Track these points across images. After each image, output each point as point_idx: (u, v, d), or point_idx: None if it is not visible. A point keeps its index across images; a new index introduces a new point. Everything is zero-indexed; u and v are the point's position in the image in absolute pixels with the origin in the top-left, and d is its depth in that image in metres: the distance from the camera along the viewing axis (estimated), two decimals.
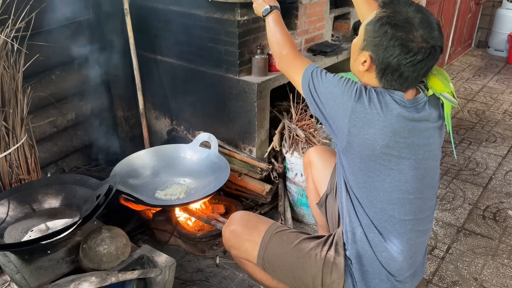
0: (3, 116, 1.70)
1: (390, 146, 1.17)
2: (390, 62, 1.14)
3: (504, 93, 4.17)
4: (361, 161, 1.21)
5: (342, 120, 1.18)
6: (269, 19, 1.54)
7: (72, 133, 2.61)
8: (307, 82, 1.28)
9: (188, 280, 1.92)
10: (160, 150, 2.31)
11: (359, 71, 1.24)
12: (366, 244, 1.28)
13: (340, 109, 1.19)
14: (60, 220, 1.66)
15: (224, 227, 1.49)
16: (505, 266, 2.05)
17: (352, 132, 1.17)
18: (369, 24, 1.17)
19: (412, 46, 1.11)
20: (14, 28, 1.68)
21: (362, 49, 1.20)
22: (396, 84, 1.18)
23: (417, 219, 1.28)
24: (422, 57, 1.12)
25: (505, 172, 2.84)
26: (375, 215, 1.25)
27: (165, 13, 2.36)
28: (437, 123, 1.24)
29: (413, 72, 1.15)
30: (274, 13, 1.54)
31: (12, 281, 1.54)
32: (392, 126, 1.15)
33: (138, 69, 2.36)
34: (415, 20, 1.11)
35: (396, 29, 1.11)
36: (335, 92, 1.21)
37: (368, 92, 1.17)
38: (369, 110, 1.15)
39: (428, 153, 1.23)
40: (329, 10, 2.73)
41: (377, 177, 1.21)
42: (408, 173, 1.21)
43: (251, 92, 2.16)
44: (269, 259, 1.39)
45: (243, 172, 2.25)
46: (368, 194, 1.24)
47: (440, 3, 4.05)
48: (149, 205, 1.97)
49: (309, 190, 1.81)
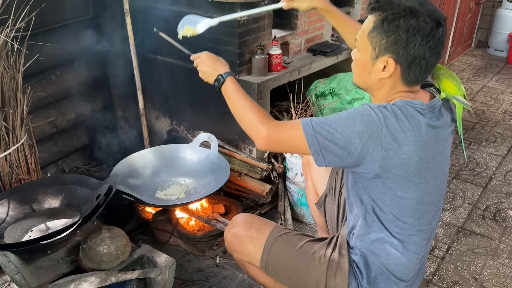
0: (3, 116, 1.70)
1: (422, 159, 1.13)
2: (415, 52, 1.10)
3: (504, 93, 4.17)
4: (393, 181, 1.14)
5: (375, 151, 1.10)
6: (227, 91, 1.33)
7: (72, 133, 2.61)
8: (315, 142, 1.12)
9: (188, 280, 1.92)
10: (160, 150, 2.31)
11: (379, 79, 1.17)
12: (378, 254, 1.27)
13: (370, 143, 1.09)
14: (60, 220, 1.66)
15: (226, 229, 1.47)
16: (505, 266, 2.05)
17: (387, 157, 1.10)
18: (373, 30, 1.13)
19: (427, 27, 1.09)
20: (14, 28, 1.68)
21: (377, 56, 1.15)
22: (422, 75, 1.15)
23: (432, 227, 1.28)
24: (440, 34, 1.11)
25: (505, 172, 2.84)
26: (394, 228, 1.23)
27: (165, 13, 2.36)
28: (451, 127, 1.24)
29: (435, 55, 1.13)
30: (229, 81, 1.33)
31: (12, 281, 1.54)
32: (423, 138, 1.12)
33: (138, 69, 2.36)
34: (415, 5, 1.10)
35: (407, 20, 1.09)
36: (358, 130, 1.09)
37: (392, 110, 1.10)
38: (400, 129, 1.09)
39: (444, 160, 1.23)
40: None
41: (406, 194, 1.17)
42: (431, 183, 1.20)
43: (251, 92, 2.16)
44: (272, 263, 1.37)
45: (243, 172, 2.25)
46: (393, 211, 1.20)
47: (440, 3, 4.04)
48: (149, 205, 1.97)
49: (308, 191, 1.81)
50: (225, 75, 1.35)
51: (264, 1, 2.15)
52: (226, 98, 1.34)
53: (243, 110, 1.27)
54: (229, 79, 1.34)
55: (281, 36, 2.45)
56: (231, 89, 1.32)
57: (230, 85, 1.33)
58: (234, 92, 1.31)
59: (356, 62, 1.23)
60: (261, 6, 1.74)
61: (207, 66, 1.41)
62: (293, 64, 2.43)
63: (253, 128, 1.24)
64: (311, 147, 1.13)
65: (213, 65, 1.40)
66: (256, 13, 1.83)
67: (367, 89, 1.25)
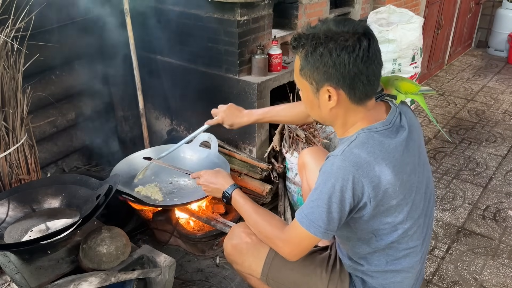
0: (3, 116, 1.70)
1: (404, 180, 1.13)
2: (349, 71, 1.07)
3: (504, 93, 4.17)
4: (383, 212, 1.14)
5: (364, 194, 1.09)
6: (236, 206, 1.36)
7: (72, 133, 2.61)
8: (319, 229, 1.12)
9: (188, 280, 1.92)
10: (160, 150, 2.31)
11: (330, 110, 1.15)
12: (375, 276, 1.27)
13: (363, 199, 1.10)
14: (60, 220, 1.66)
15: (225, 240, 1.44)
16: (505, 266, 2.05)
17: (376, 195, 1.10)
18: (303, 68, 1.12)
19: (349, 43, 1.06)
20: (14, 28, 1.67)
21: (317, 90, 1.13)
22: (368, 88, 1.11)
23: (427, 237, 1.29)
24: (365, 45, 1.07)
25: (505, 172, 2.83)
26: (390, 250, 1.22)
27: (165, 13, 2.36)
28: (414, 126, 1.23)
29: (371, 65, 1.09)
30: (236, 196, 1.37)
31: (12, 281, 1.54)
32: (398, 160, 1.11)
33: (138, 69, 2.35)
34: (331, 27, 1.08)
35: (326, 45, 1.07)
36: (343, 197, 1.08)
37: (359, 151, 1.08)
38: (376, 167, 1.08)
39: (423, 167, 1.23)
40: (329, 10, 2.73)
41: (396, 218, 1.16)
42: (418, 197, 1.20)
43: (251, 92, 2.16)
44: (273, 276, 1.36)
45: (243, 172, 2.25)
46: (388, 239, 1.20)
47: (440, 3, 4.04)
48: (149, 205, 1.97)
49: (304, 192, 1.80)
50: (229, 189, 1.39)
51: (264, 1, 2.15)
52: (237, 210, 1.38)
53: (256, 227, 1.32)
54: (235, 194, 1.38)
55: (281, 36, 2.45)
56: (240, 204, 1.36)
57: (238, 200, 1.37)
58: (243, 208, 1.35)
59: (304, 102, 1.23)
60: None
61: (210, 184, 1.46)
62: (293, 64, 2.43)
63: (273, 246, 1.28)
64: (317, 235, 1.13)
65: (216, 182, 1.44)
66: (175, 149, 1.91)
67: (325, 122, 1.23)
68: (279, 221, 1.28)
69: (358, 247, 1.25)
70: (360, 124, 1.15)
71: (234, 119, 1.68)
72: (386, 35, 2.83)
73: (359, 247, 1.24)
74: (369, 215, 1.13)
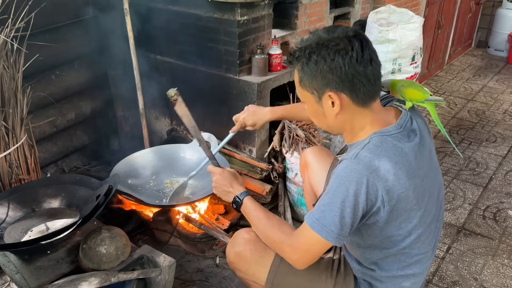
0: (3, 116, 1.70)
1: (417, 184, 1.12)
2: (346, 73, 1.07)
3: (504, 93, 4.17)
4: (397, 217, 1.13)
5: (377, 199, 1.08)
6: (246, 213, 1.33)
7: (72, 133, 2.61)
8: (331, 234, 1.10)
9: (188, 280, 1.92)
10: (160, 150, 2.31)
11: (336, 116, 1.14)
12: (383, 281, 1.26)
13: (376, 204, 1.08)
14: (60, 220, 1.66)
15: (228, 247, 1.40)
16: (505, 266, 2.05)
17: (390, 200, 1.08)
18: (302, 79, 1.13)
19: (341, 46, 1.07)
20: (14, 28, 1.67)
21: (320, 98, 1.13)
22: (370, 88, 1.11)
23: (436, 242, 1.29)
24: (358, 45, 1.08)
25: (505, 172, 2.83)
26: (402, 256, 1.22)
27: (165, 13, 2.36)
28: (425, 131, 1.23)
29: (368, 65, 1.09)
30: (247, 202, 1.33)
31: (12, 281, 1.54)
32: (411, 164, 1.11)
33: (138, 69, 2.35)
34: (321, 35, 1.10)
35: (318, 52, 1.08)
36: (357, 200, 1.06)
37: (372, 155, 1.08)
38: (392, 170, 1.07)
39: (435, 168, 1.23)
40: (329, 10, 2.73)
41: (409, 224, 1.15)
42: (431, 202, 1.19)
43: (251, 92, 2.16)
44: (278, 283, 1.34)
45: (243, 172, 2.25)
46: (401, 245, 1.19)
47: (440, 3, 4.04)
48: (149, 205, 1.97)
49: (306, 192, 1.80)
50: (241, 196, 1.35)
51: (264, 1, 2.15)
52: (246, 217, 1.34)
53: (264, 233, 1.29)
54: (247, 200, 1.33)
55: (281, 36, 2.45)
56: (250, 210, 1.32)
57: (248, 206, 1.33)
58: (253, 214, 1.31)
59: (310, 114, 1.22)
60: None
61: (223, 186, 1.41)
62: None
63: (280, 252, 1.25)
64: (329, 240, 1.10)
65: (229, 186, 1.39)
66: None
67: (333, 131, 1.22)
68: (290, 228, 1.26)
69: (369, 253, 1.24)
70: (370, 128, 1.15)
71: (257, 117, 1.66)
72: (386, 35, 2.82)
73: (370, 253, 1.24)
74: (384, 221, 1.12)
